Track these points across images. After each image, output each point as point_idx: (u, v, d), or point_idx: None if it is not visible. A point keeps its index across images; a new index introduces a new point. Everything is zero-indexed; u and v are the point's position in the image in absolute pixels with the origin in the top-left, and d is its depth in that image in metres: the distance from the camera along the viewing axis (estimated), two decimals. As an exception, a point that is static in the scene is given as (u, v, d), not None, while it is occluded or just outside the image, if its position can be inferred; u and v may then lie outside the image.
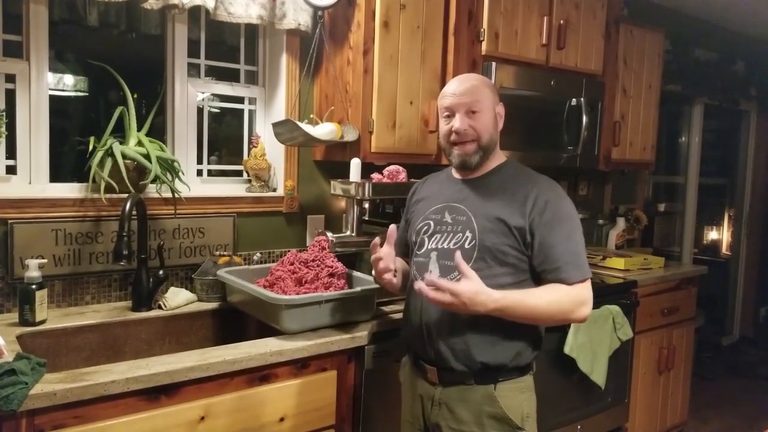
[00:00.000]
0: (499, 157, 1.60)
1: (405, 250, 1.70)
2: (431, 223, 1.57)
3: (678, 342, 3.07)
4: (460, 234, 1.50)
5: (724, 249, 5.12)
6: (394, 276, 1.56)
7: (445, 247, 1.52)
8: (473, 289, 1.34)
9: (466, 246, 1.48)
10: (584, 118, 2.62)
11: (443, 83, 2.29)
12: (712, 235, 5.18)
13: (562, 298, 1.43)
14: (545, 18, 2.52)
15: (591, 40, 2.74)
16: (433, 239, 1.55)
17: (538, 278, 1.49)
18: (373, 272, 1.59)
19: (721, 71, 4.19)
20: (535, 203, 1.47)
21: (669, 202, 4.41)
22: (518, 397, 1.50)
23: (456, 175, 1.64)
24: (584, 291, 1.45)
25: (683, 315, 3.09)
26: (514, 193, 1.51)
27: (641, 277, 2.80)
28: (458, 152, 1.54)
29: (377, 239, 1.54)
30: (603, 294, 2.54)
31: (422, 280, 1.39)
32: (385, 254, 1.52)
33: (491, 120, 1.54)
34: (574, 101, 2.64)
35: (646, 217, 3.68)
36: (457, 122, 1.51)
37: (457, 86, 1.54)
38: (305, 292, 1.75)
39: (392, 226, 1.53)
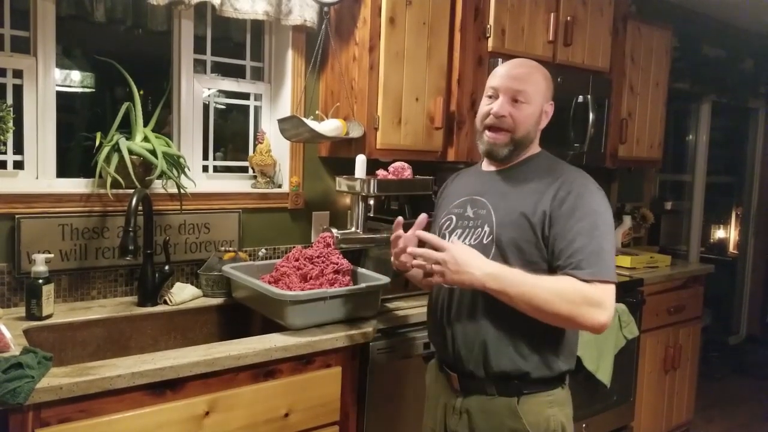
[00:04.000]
0: (532, 149, 1.48)
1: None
2: (453, 218, 1.50)
3: (684, 341, 3.06)
4: (479, 229, 1.42)
5: (731, 248, 5.09)
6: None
7: (466, 243, 1.42)
8: (466, 249, 1.29)
9: (485, 241, 1.40)
10: (591, 115, 2.61)
11: (449, 79, 2.29)
12: (719, 233, 5.15)
13: (569, 289, 1.26)
14: (552, 14, 2.51)
15: (598, 37, 2.73)
16: (454, 235, 1.47)
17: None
18: (392, 258, 1.50)
19: (729, 69, 4.16)
20: (557, 193, 1.35)
21: (676, 201, 4.38)
22: (544, 412, 1.38)
23: (484, 167, 1.54)
24: (600, 292, 1.27)
25: (690, 314, 3.07)
26: (539, 184, 1.39)
27: (647, 276, 2.79)
28: (488, 138, 1.44)
29: (400, 218, 1.44)
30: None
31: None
32: (406, 236, 1.42)
33: (535, 115, 1.43)
34: (580, 98, 2.63)
35: (653, 215, 3.66)
36: (496, 105, 1.40)
37: (510, 68, 1.43)
38: (310, 288, 1.75)
39: (423, 215, 1.44)
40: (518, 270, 1.30)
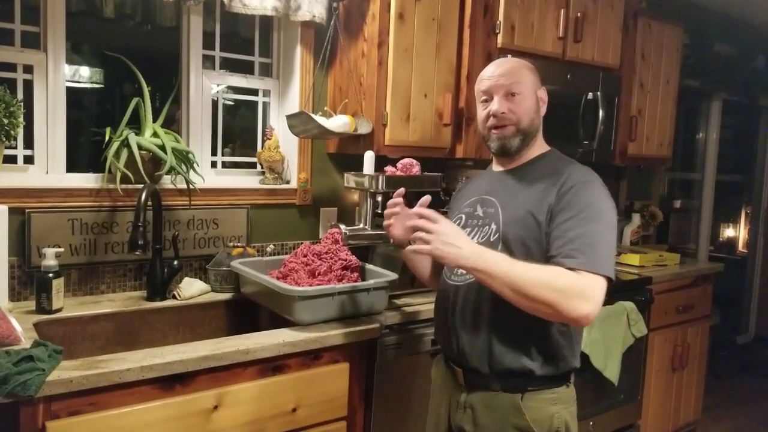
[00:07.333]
0: (540, 147, 1.50)
1: None
2: (463, 217, 1.52)
3: (692, 340, 3.04)
4: (487, 227, 1.43)
5: (741, 246, 5.05)
6: (408, 243, 1.45)
7: (475, 241, 1.40)
8: (459, 228, 1.33)
9: (491, 239, 1.41)
10: (600, 113, 2.60)
11: (458, 76, 2.28)
12: (728, 232, 5.11)
13: (553, 277, 1.24)
14: (562, 10, 2.49)
15: (608, 34, 2.71)
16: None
17: None
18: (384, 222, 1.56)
19: (740, 66, 4.12)
20: (561, 188, 1.36)
21: (685, 199, 4.36)
22: (548, 409, 1.39)
23: (495, 167, 1.56)
24: (587, 283, 1.25)
25: (698, 312, 3.05)
26: (546, 182, 1.40)
27: (656, 274, 2.77)
28: (496, 136, 1.45)
29: (402, 189, 1.52)
30: (617, 290, 2.51)
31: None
32: (405, 210, 1.48)
33: (532, 104, 1.45)
34: (590, 95, 2.61)
35: (662, 213, 3.64)
36: (495, 104, 1.43)
37: (495, 68, 1.46)
38: (318, 284, 1.75)
39: (426, 196, 1.44)
40: (505, 255, 1.30)
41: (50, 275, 1.68)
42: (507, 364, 1.38)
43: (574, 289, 1.23)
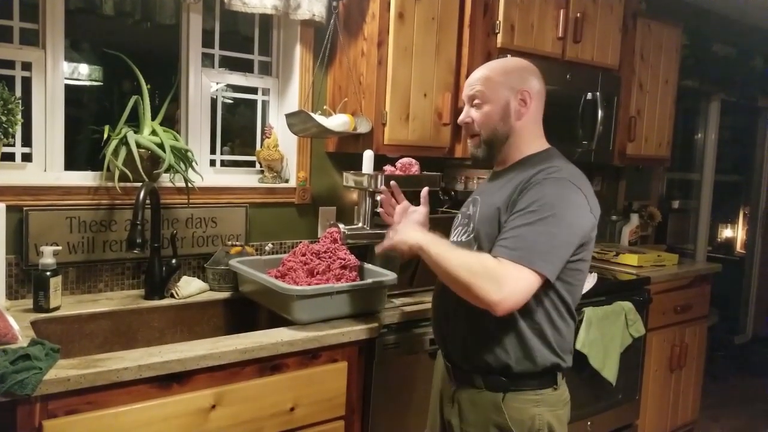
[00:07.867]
0: (534, 147, 1.46)
1: None
2: (459, 216, 1.58)
3: (690, 340, 3.05)
4: (468, 226, 1.50)
5: (739, 247, 5.06)
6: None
7: (460, 239, 1.51)
8: (410, 225, 1.50)
9: (470, 237, 1.47)
10: (599, 113, 2.60)
11: (457, 75, 2.28)
12: (726, 233, 5.12)
13: (475, 262, 1.28)
14: (562, 11, 2.49)
15: (608, 34, 2.71)
16: (455, 232, 1.56)
17: None
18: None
19: (739, 67, 4.13)
20: (525, 185, 1.34)
21: (683, 199, 4.36)
22: (529, 410, 1.38)
23: (494, 169, 1.57)
24: (504, 270, 1.25)
25: (696, 313, 3.06)
26: (519, 180, 1.38)
27: (654, 274, 2.77)
28: (469, 145, 1.53)
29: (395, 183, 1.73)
30: (615, 290, 2.52)
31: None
32: (404, 206, 1.65)
33: (496, 113, 1.43)
34: (589, 95, 2.61)
35: (660, 213, 3.64)
36: (462, 114, 1.50)
37: (472, 75, 1.49)
38: (317, 284, 1.75)
39: (425, 188, 1.66)
40: (445, 241, 1.40)
41: (48, 273, 1.68)
42: (484, 359, 1.40)
43: (487, 275, 1.25)
